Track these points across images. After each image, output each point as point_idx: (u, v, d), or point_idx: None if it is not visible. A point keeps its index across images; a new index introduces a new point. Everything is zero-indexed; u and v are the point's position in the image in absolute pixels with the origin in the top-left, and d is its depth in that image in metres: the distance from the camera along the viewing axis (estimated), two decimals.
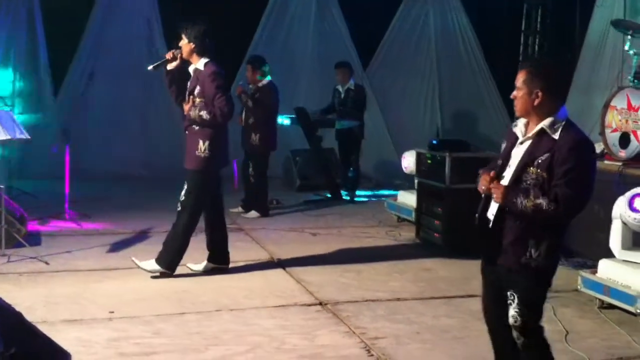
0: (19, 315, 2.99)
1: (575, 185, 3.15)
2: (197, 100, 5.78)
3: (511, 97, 3.39)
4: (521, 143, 3.35)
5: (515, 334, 3.35)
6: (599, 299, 5.23)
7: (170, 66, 5.89)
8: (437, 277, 6.19)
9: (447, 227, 6.95)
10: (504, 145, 3.49)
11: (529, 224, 3.22)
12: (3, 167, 8.24)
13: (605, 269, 5.25)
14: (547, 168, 3.19)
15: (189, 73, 5.92)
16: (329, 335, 4.70)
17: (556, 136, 3.22)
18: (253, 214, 8.43)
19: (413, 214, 7.69)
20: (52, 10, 10.58)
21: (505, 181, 3.31)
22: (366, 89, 10.44)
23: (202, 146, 5.77)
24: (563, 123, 3.26)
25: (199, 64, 5.82)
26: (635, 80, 7.03)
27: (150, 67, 5.96)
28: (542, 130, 3.26)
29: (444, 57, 12.68)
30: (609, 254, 5.42)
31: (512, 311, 3.31)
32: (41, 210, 7.94)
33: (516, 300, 3.29)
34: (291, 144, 10.75)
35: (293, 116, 9.75)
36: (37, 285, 5.60)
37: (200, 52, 5.81)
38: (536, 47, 11.79)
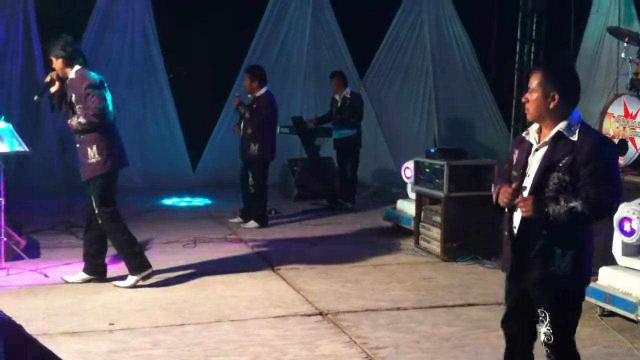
0: (19, 328, 2.98)
1: (605, 182, 3.09)
2: (77, 107, 5.73)
3: (523, 100, 3.32)
4: (537, 150, 3.27)
5: (546, 351, 3.27)
6: (600, 307, 5.22)
7: (53, 89, 5.89)
8: (437, 285, 6.18)
9: (446, 235, 6.95)
10: (515, 156, 3.38)
11: (555, 233, 3.14)
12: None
13: (606, 276, 5.24)
14: (570, 171, 3.12)
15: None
16: (330, 345, 4.69)
17: (574, 138, 3.16)
18: (252, 224, 8.42)
19: (412, 223, 7.69)
20: (48, 22, 10.57)
21: (526, 191, 3.22)
22: (362, 97, 10.45)
23: (91, 152, 5.71)
24: (579, 125, 3.21)
25: (71, 74, 5.79)
26: (632, 87, 7.07)
27: (35, 97, 5.94)
28: (558, 133, 3.20)
29: (440, 65, 12.74)
30: (610, 262, 5.42)
31: (545, 329, 3.23)
32: (39, 222, 7.92)
33: (548, 319, 3.21)
34: (289, 153, 10.76)
35: (290, 125, 9.76)
36: (36, 297, 5.57)
37: (69, 63, 5.77)
38: (532, 55, 11.83)
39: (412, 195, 7.95)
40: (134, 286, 5.81)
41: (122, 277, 5.91)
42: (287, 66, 12.06)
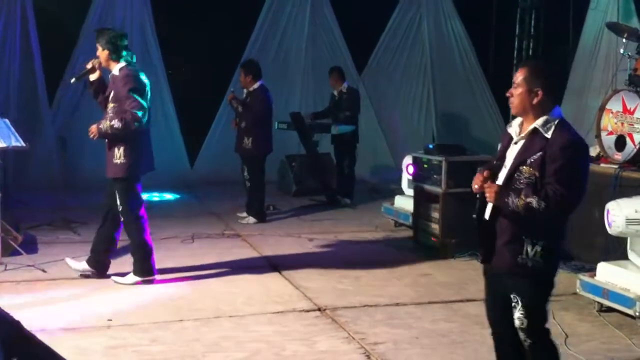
0: (17, 324, 2.98)
1: (566, 183, 3.16)
2: (110, 105, 5.68)
3: (507, 94, 3.40)
4: (515, 143, 3.37)
5: (522, 336, 3.36)
6: (598, 302, 5.23)
7: (92, 77, 5.86)
8: (435, 281, 6.18)
9: (445, 231, 6.95)
10: (499, 148, 3.52)
11: (524, 224, 3.23)
12: None
13: (604, 272, 5.25)
14: (539, 167, 3.21)
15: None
16: (329, 341, 4.69)
17: (548, 135, 3.25)
18: (250, 219, 8.42)
19: (410, 219, 7.69)
20: (46, 19, 10.56)
21: (499, 181, 3.33)
22: (360, 92, 10.43)
23: (117, 152, 5.65)
24: (556, 122, 3.28)
25: (114, 69, 5.74)
26: (630, 83, 7.06)
27: (72, 80, 5.92)
28: (534, 129, 3.29)
29: (438, 61, 12.73)
30: (608, 257, 5.43)
31: (518, 314, 3.32)
32: (37, 219, 7.91)
33: (520, 303, 3.31)
34: (287, 149, 10.75)
35: (288, 121, 9.75)
36: (34, 293, 5.57)
37: (115, 57, 5.73)
38: (530, 51, 11.82)
39: (408, 192, 7.95)
40: (137, 283, 5.81)
41: (122, 274, 5.91)
42: (285, 62, 12.04)
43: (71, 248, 6.91)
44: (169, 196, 10.17)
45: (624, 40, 7.52)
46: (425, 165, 7.29)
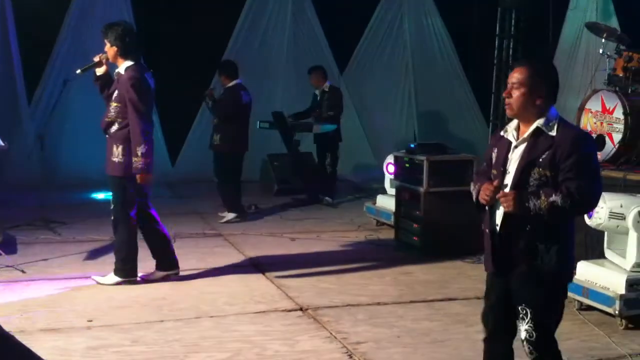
0: None
1: (586, 176, 3.10)
2: (113, 104, 5.64)
3: (504, 95, 3.31)
4: (516, 147, 3.26)
5: (528, 348, 3.26)
6: (578, 301, 5.27)
7: (98, 71, 5.80)
8: (417, 280, 6.20)
9: (426, 230, 6.97)
10: (494, 154, 3.36)
11: (537, 228, 3.15)
12: None
13: (584, 271, 5.29)
14: (550, 166, 3.12)
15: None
16: (310, 341, 4.69)
17: (553, 133, 3.17)
18: (229, 215, 8.40)
19: (392, 218, 7.71)
20: (25, 18, 10.45)
21: (507, 188, 3.22)
22: (342, 91, 10.43)
23: (116, 150, 5.61)
24: (557, 121, 3.22)
25: (121, 67, 5.68)
26: (609, 83, 7.12)
27: (78, 71, 5.86)
28: (537, 129, 3.20)
29: (420, 60, 12.78)
30: (588, 256, 5.47)
31: (526, 326, 3.22)
32: (16, 218, 7.84)
33: (529, 315, 3.20)
34: (269, 148, 10.74)
35: (270, 120, 9.74)
36: (13, 294, 5.52)
37: (123, 54, 5.66)
38: (510, 50, 11.88)
39: (391, 191, 7.97)
40: (117, 284, 5.76)
41: (103, 274, 5.87)
42: (267, 61, 12.02)
43: (51, 248, 6.86)
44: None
45: (603, 40, 7.59)
46: (407, 165, 7.30)
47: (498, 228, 3.26)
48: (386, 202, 8.10)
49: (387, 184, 8.28)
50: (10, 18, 10.44)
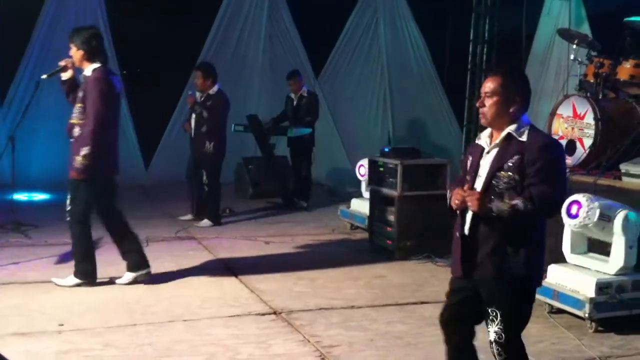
0: None
1: (549, 182, 3.15)
2: (77, 105, 5.62)
3: (478, 104, 3.36)
4: (488, 152, 3.33)
5: (496, 349, 3.29)
6: (549, 304, 5.32)
7: (64, 76, 5.78)
8: (390, 284, 6.22)
9: (400, 234, 7.00)
10: (468, 162, 3.42)
11: (506, 232, 3.20)
12: None
13: (555, 274, 5.34)
14: (518, 170, 3.18)
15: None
16: (284, 344, 4.68)
17: (524, 138, 3.24)
18: (206, 222, 8.36)
19: (366, 221, 7.73)
20: None
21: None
22: (318, 96, 10.46)
23: (80, 153, 5.58)
24: (528, 127, 3.28)
25: (87, 70, 5.66)
26: (581, 89, 7.21)
27: (44, 76, 5.84)
28: (508, 135, 3.27)
29: (394, 65, 12.84)
30: (558, 259, 5.53)
31: (495, 328, 3.26)
32: None
33: (499, 317, 3.24)
34: (244, 151, 10.71)
35: (245, 123, 9.72)
36: None
37: (89, 57, 5.65)
38: (484, 56, 11.98)
39: (367, 195, 7.99)
40: (77, 285, 5.72)
41: (61, 276, 5.84)
42: (242, 64, 12.01)
43: (21, 251, 6.78)
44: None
45: (574, 46, 7.68)
46: (381, 169, 7.33)
47: (467, 230, 3.30)
48: (360, 205, 8.13)
49: (363, 188, 8.31)
50: None
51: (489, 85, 3.30)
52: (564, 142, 6.78)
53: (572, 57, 7.62)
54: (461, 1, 12.41)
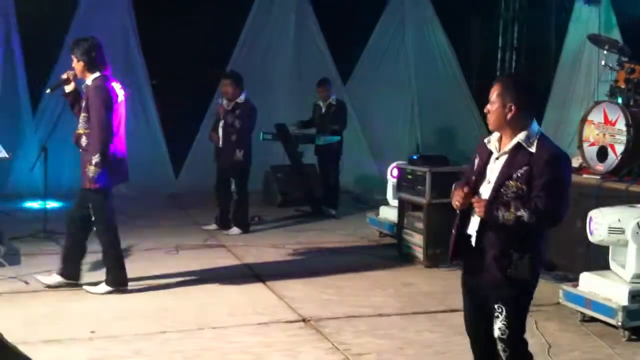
0: None
1: (554, 197, 3.24)
2: (82, 115, 5.68)
3: (485, 111, 3.47)
4: (497, 158, 3.41)
5: (501, 346, 3.41)
6: (581, 312, 5.26)
7: (67, 89, 5.84)
8: (419, 291, 6.19)
9: (428, 241, 6.97)
10: (476, 161, 3.52)
11: (512, 237, 3.29)
12: None
13: (587, 282, 5.29)
14: (527, 181, 3.27)
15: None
16: (313, 352, 4.68)
17: (532, 149, 3.31)
18: (235, 230, 8.39)
19: (394, 229, 7.70)
20: (29, 28, 10.50)
21: (484, 197, 3.37)
22: (346, 104, 10.46)
23: (92, 162, 5.63)
24: (538, 137, 3.35)
25: (88, 79, 5.72)
26: (612, 95, 7.13)
27: (47, 91, 5.91)
28: (518, 144, 3.34)
29: (422, 72, 12.80)
30: (590, 267, 5.46)
31: (500, 324, 3.37)
32: (20, 229, 7.85)
33: (504, 313, 3.36)
34: (272, 159, 10.74)
35: (273, 132, 9.75)
36: (16, 305, 5.52)
37: (90, 68, 5.70)
38: (513, 63, 11.92)
39: (393, 202, 7.97)
40: (108, 293, 5.79)
41: (94, 283, 5.89)
42: (270, 73, 12.04)
43: (53, 260, 6.85)
44: (153, 208, 10.10)
45: (605, 52, 7.61)
46: (409, 176, 7.31)
47: (475, 233, 3.39)
48: (389, 213, 8.10)
49: (389, 196, 8.28)
50: (15, 29, 10.49)
51: (492, 93, 3.44)
52: (595, 148, 6.72)
53: (602, 63, 7.55)
54: (489, 7, 12.35)
